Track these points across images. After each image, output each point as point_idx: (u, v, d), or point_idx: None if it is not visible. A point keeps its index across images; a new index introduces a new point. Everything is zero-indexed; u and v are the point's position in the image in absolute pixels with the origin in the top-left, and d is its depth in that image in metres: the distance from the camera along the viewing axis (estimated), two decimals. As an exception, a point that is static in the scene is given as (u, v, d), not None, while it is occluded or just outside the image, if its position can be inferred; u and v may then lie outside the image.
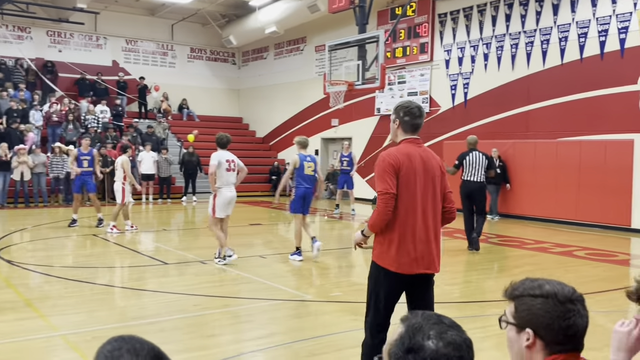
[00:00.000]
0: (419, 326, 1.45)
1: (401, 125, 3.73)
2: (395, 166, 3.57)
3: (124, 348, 1.23)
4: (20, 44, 20.66)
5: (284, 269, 8.57)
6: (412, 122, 3.72)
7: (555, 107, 13.91)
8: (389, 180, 3.55)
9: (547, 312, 1.81)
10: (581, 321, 1.80)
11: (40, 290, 7.11)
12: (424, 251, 3.65)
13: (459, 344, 1.42)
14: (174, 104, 23.23)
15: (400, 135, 3.76)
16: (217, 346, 4.91)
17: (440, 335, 1.42)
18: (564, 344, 1.80)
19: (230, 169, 8.43)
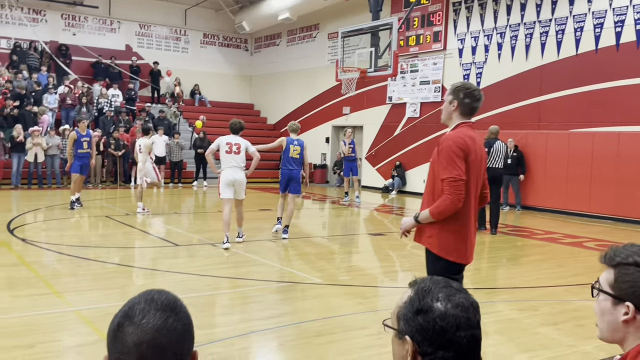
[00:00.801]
0: (428, 289, 1.50)
1: (459, 108, 3.56)
2: (465, 151, 3.42)
3: (143, 297, 1.30)
4: (35, 26, 20.77)
5: (293, 253, 8.64)
6: (472, 105, 3.56)
7: (569, 98, 13.83)
8: (459, 165, 3.37)
9: None
10: None
11: (54, 268, 7.22)
12: (474, 240, 3.63)
13: (466, 306, 1.47)
14: (186, 89, 23.32)
15: (456, 118, 3.59)
16: (227, 324, 4.99)
17: (448, 298, 1.47)
18: None
19: (230, 151, 8.50)
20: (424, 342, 1.46)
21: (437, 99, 16.98)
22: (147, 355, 1.23)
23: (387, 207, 15.32)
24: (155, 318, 1.25)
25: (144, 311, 1.26)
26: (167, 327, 1.25)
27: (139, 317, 1.25)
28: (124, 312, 1.28)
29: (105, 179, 17.90)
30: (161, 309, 1.27)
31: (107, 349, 1.28)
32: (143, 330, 1.23)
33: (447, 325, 1.43)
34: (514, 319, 5.49)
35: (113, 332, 1.27)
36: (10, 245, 8.23)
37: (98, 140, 17.40)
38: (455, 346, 1.44)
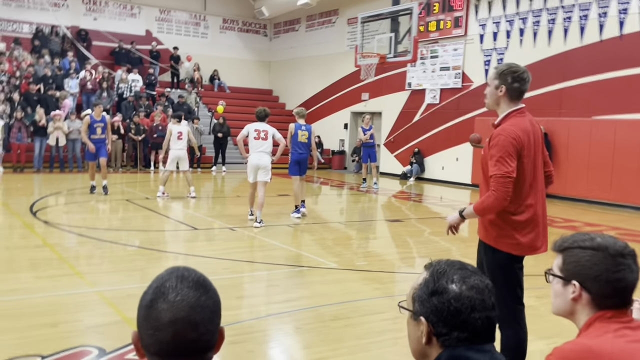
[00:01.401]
0: (443, 271, 1.52)
1: (508, 93, 3.35)
2: (517, 147, 3.26)
3: (173, 274, 1.33)
4: (57, 11, 20.94)
5: (310, 238, 8.69)
6: (522, 88, 3.37)
7: (591, 85, 13.62)
8: (510, 163, 3.22)
9: (596, 264, 1.77)
10: (631, 276, 1.76)
11: (76, 249, 7.35)
12: (546, 230, 3.47)
13: (481, 288, 1.49)
14: (205, 75, 23.39)
15: (505, 103, 3.39)
16: (246, 307, 5.05)
17: (463, 280, 1.49)
18: (612, 297, 1.76)
19: (259, 138, 9.20)
20: (438, 323, 1.48)
21: (458, 85, 16.83)
22: (181, 331, 1.26)
23: (405, 193, 15.29)
24: (189, 295, 1.28)
25: (177, 289, 1.29)
26: (200, 304, 1.29)
27: (173, 295, 1.28)
28: (156, 288, 1.31)
29: (126, 164, 18.08)
30: (193, 286, 1.30)
31: (138, 325, 1.31)
32: (178, 307, 1.26)
33: (462, 307, 1.45)
34: (531, 306, 5.45)
35: (145, 308, 1.30)
36: (33, 227, 8.39)
37: (118, 124, 17.59)
38: (469, 327, 1.45)
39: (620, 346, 1.66)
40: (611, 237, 1.83)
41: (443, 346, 1.48)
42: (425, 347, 1.51)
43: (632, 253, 1.79)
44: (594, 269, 1.77)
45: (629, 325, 1.74)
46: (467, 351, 1.45)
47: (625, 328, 1.72)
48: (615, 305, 1.76)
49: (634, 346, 1.67)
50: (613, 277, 1.75)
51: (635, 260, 1.78)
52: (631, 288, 1.77)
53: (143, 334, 1.29)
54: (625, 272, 1.75)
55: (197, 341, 1.28)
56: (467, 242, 9.11)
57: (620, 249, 1.78)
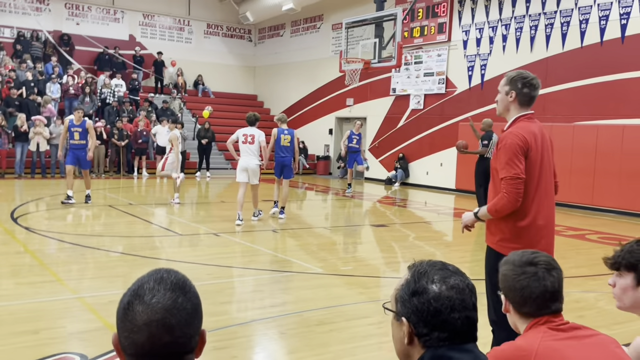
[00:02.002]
0: (424, 271, 1.53)
1: (518, 99, 3.39)
2: (524, 148, 3.28)
3: (153, 276, 1.32)
4: (39, 16, 20.75)
5: (295, 243, 8.67)
6: (532, 94, 3.41)
7: (573, 90, 13.79)
8: (518, 164, 3.25)
9: (506, 275, 1.93)
10: (536, 283, 1.87)
11: (57, 256, 7.26)
12: (551, 236, 3.44)
13: (461, 288, 1.49)
14: (189, 80, 23.31)
15: (515, 109, 3.41)
16: (230, 312, 5.02)
17: (443, 280, 1.49)
18: (524, 305, 1.87)
19: (246, 142, 9.72)
20: (419, 323, 1.48)
21: (441, 90, 16.94)
22: (156, 333, 1.24)
23: (390, 198, 15.33)
24: (165, 297, 1.26)
25: (154, 290, 1.27)
26: (177, 306, 1.26)
27: (149, 297, 1.26)
28: (134, 290, 1.29)
29: (109, 169, 17.93)
30: (171, 288, 1.28)
31: (117, 326, 1.30)
32: (153, 310, 1.24)
33: (442, 307, 1.46)
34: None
35: (123, 310, 1.28)
36: (14, 233, 8.27)
37: (101, 130, 17.45)
38: (449, 327, 1.46)
39: (547, 344, 1.77)
40: (533, 251, 1.97)
41: (425, 346, 1.48)
42: (407, 347, 1.52)
43: (543, 262, 1.89)
44: (506, 280, 1.91)
45: (560, 327, 1.85)
46: (449, 351, 1.45)
47: (556, 330, 1.84)
48: (533, 312, 1.87)
49: (562, 343, 1.77)
50: (519, 285, 1.87)
51: (548, 268, 1.89)
52: (541, 295, 1.86)
53: (121, 336, 1.28)
54: (529, 280, 1.86)
55: (173, 344, 1.25)
56: (452, 247, 9.16)
57: (528, 259, 1.91)
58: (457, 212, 12.93)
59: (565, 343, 1.77)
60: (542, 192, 3.37)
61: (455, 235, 10.46)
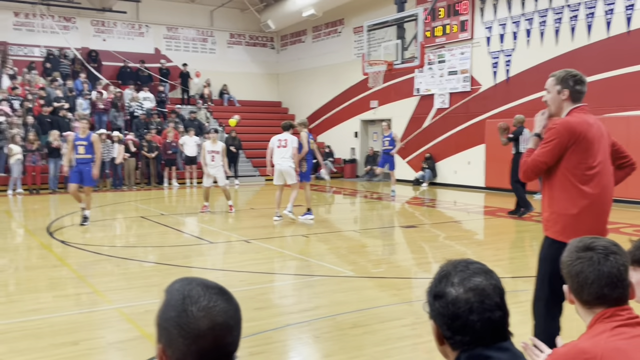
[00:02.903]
0: (446, 273, 1.51)
1: (571, 96, 3.50)
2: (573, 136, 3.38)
3: (194, 282, 1.35)
4: (66, 34, 21.25)
5: (325, 247, 8.70)
6: (583, 90, 3.53)
7: (602, 82, 13.54)
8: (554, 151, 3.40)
9: (564, 262, 1.85)
10: (591, 268, 1.76)
11: (93, 268, 7.40)
12: (606, 222, 3.56)
13: (481, 289, 1.46)
14: (214, 90, 23.57)
15: (568, 106, 3.52)
16: (264, 318, 5.06)
17: (462, 282, 1.47)
18: (581, 292, 1.78)
19: (280, 146, 10.46)
20: (442, 326, 1.48)
21: (466, 88, 16.81)
22: (220, 335, 1.28)
23: (419, 199, 15.25)
24: (219, 301, 1.31)
25: (206, 296, 1.31)
26: (232, 308, 1.33)
27: (205, 302, 1.29)
28: (184, 299, 1.30)
29: (140, 181, 18.22)
30: (219, 292, 1.34)
31: (169, 338, 1.28)
32: (214, 313, 1.29)
33: (459, 311, 1.44)
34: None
35: (177, 319, 1.27)
36: (51, 247, 8.47)
37: (131, 142, 17.76)
38: (469, 331, 1.44)
39: (613, 345, 1.65)
40: (595, 237, 1.86)
41: (453, 349, 1.48)
42: (442, 347, 1.52)
43: (601, 247, 1.79)
44: (564, 267, 1.84)
45: (627, 322, 1.72)
46: (486, 350, 1.44)
47: (624, 325, 1.71)
48: (593, 300, 1.76)
49: (630, 342, 1.66)
50: (574, 271, 1.80)
51: (606, 254, 1.78)
52: (596, 280, 1.76)
53: (177, 346, 1.27)
54: (583, 265, 1.78)
55: (233, 344, 1.32)
56: (483, 245, 9.07)
57: (585, 244, 1.81)
58: (487, 210, 12.81)
59: (633, 342, 1.66)
60: (599, 181, 3.45)
61: (486, 234, 10.36)
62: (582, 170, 3.41)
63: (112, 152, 17.33)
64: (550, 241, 3.53)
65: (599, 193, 3.46)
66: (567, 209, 3.44)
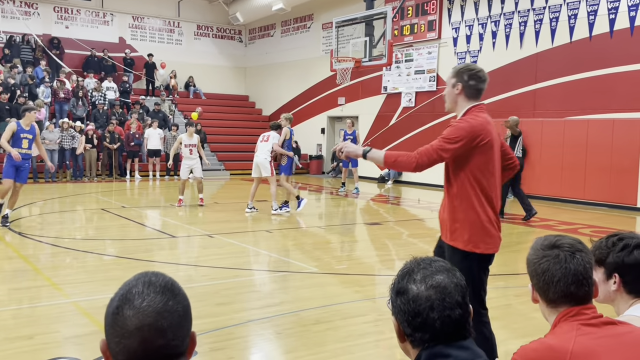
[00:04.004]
0: (408, 270, 1.51)
1: (464, 91, 3.31)
2: (473, 137, 3.21)
3: (140, 280, 1.30)
4: (27, 20, 20.64)
5: (290, 242, 8.67)
6: (478, 86, 3.31)
7: (563, 86, 13.86)
8: (451, 147, 3.21)
9: (529, 260, 1.84)
10: (557, 266, 1.74)
11: (51, 260, 7.23)
12: (499, 227, 3.37)
13: (443, 286, 1.46)
14: (180, 82, 23.25)
15: (463, 102, 3.32)
16: (226, 314, 5.01)
17: (424, 279, 1.47)
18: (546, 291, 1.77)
19: (261, 141, 11.02)
20: (403, 323, 1.47)
21: (432, 88, 16.98)
22: (148, 337, 1.22)
23: (383, 197, 15.35)
24: (156, 301, 1.25)
25: (143, 294, 1.26)
26: (168, 309, 1.25)
27: (139, 301, 1.25)
28: (122, 295, 1.27)
29: (101, 172, 17.86)
30: (160, 291, 1.27)
31: (105, 332, 1.28)
32: (144, 314, 1.23)
33: (420, 307, 1.44)
34: (509, 305, 5.53)
35: (112, 315, 1.26)
36: (7, 239, 8.22)
37: (92, 133, 17.39)
38: (429, 328, 1.43)
39: (582, 344, 1.65)
40: (558, 235, 1.84)
41: (413, 346, 1.47)
42: (403, 344, 1.52)
43: (567, 244, 1.78)
44: (530, 265, 1.82)
45: (592, 321, 1.72)
46: (447, 348, 1.44)
47: (589, 325, 1.71)
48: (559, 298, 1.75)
49: (598, 342, 1.66)
50: (540, 269, 1.78)
51: (572, 251, 1.76)
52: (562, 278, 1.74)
53: (110, 342, 1.26)
54: (549, 262, 1.76)
55: (166, 347, 1.24)
56: (446, 243, 9.16)
57: (551, 242, 1.80)
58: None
59: (601, 343, 1.66)
60: (494, 185, 3.31)
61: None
62: (487, 176, 3.26)
63: (73, 143, 16.94)
64: (462, 253, 3.29)
65: (495, 197, 3.32)
66: (473, 216, 3.26)
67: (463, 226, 3.28)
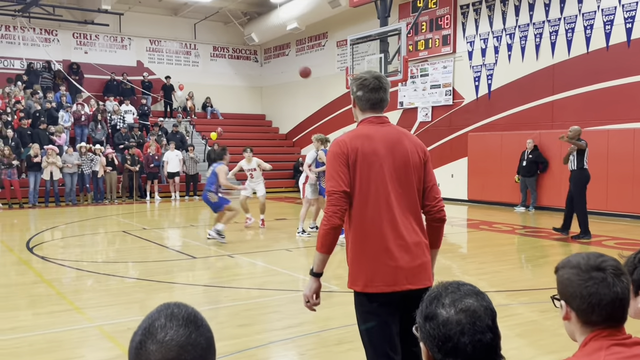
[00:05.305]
0: (436, 295, 1.50)
1: (356, 104, 2.89)
2: (345, 154, 2.71)
3: (163, 312, 1.29)
4: (48, 46, 21.07)
5: (309, 262, 8.63)
6: (368, 96, 2.84)
7: (581, 96, 13.74)
8: (336, 176, 2.69)
9: (572, 281, 1.77)
10: (606, 290, 1.71)
11: (74, 284, 7.28)
12: (407, 260, 2.72)
13: (473, 310, 1.44)
14: (197, 103, 23.49)
15: (360, 115, 2.91)
16: (248, 335, 5.00)
17: (454, 303, 1.45)
18: (591, 313, 1.73)
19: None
20: (433, 349, 1.46)
21: (449, 102, 16.94)
22: None
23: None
24: (178, 334, 1.24)
25: (166, 328, 1.25)
26: (191, 342, 1.25)
27: (162, 335, 1.24)
28: (145, 329, 1.27)
29: (121, 195, 18.04)
30: (183, 324, 1.26)
31: None
32: (167, 348, 1.22)
33: (450, 332, 1.42)
34: (535, 321, 5.44)
35: (135, 350, 1.26)
36: (30, 263, 8.32)
37: (112, 156, 17.60)
38: (460, 353, 1.42)
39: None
40: (597, 254, 1.80)
41: None
42: None
43: (611, 267, 1.75)
44: (571, 286, 1.77)
45: (623, 342, 1.70)
46: None
47: (619, 345, 1.69)
48: (601, 321, 1.72)
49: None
50: (586, 292, 1.74)
51: (617, 274, 1.74)
52: (610, 303, 1.72)
53: None
54: (598, 286, 1.73)
55: None
56: (467, 259, 9.09)
57: (595, 263, 1.76)
58: (470, 223, 12.86)
59: None
60: (384, 207, 2.73)
61: (469, 247, 10.39)
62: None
63: (92, 166, 17.16)
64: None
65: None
66: None
67: None
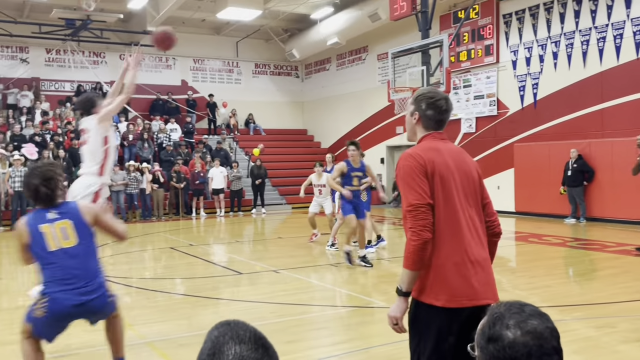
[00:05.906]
0: (499, 315, 1.46)
1: (422, 121, 2.91)
2: (423, 166, 2.70)
3: (228, 334, 1.27)
4: (96, 68, 21.77)
5: (355, 276, 8.58)
6: (438, 117, 2.89)
7: (632, 104, 13.32)
8: (418, 188, 2.66)
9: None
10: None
11: (123, 300, 7.41)
12: (482, 275, 2.69)
13: (539, 332, 1.41)
14: (240, 119, 23.82)
15: (420, 132, 2.94)
16: (296, 352, 4.98)
17: (519, 324, 1.43)
18: None
19: None
20: None
21: (493, 112, 16.68)
22: None
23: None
24: (251, 357, 1.21)
25: (238, 354, 1.21)
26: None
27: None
28: (213, 355, 1.23)
29: (168, 211, 18.36)
30: (253, 348, 1.23)
31: None
32: None
33: (517, 354, 1.39)
34: (590, 337, 5.25)
35: None
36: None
37: (158, 174, 17.96)
38: None
39: None
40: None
41: None
42: None
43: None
44: None
45: None
46: None
47: None
48: None
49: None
50: None
51: None
52: None
53: None
54: None
55: None
56: (517, 273, 8.86)
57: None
58: (518, 235, 12.57)
59: None
60: (456, 219, 2.71)
61: (519, 261, 10.15)
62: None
63: (138, 185, 17.54)
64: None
65: None
66: None
67: None
